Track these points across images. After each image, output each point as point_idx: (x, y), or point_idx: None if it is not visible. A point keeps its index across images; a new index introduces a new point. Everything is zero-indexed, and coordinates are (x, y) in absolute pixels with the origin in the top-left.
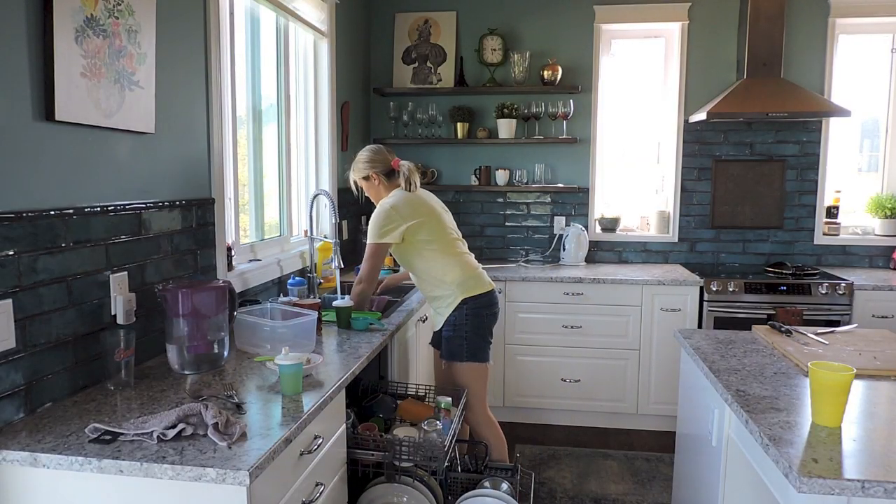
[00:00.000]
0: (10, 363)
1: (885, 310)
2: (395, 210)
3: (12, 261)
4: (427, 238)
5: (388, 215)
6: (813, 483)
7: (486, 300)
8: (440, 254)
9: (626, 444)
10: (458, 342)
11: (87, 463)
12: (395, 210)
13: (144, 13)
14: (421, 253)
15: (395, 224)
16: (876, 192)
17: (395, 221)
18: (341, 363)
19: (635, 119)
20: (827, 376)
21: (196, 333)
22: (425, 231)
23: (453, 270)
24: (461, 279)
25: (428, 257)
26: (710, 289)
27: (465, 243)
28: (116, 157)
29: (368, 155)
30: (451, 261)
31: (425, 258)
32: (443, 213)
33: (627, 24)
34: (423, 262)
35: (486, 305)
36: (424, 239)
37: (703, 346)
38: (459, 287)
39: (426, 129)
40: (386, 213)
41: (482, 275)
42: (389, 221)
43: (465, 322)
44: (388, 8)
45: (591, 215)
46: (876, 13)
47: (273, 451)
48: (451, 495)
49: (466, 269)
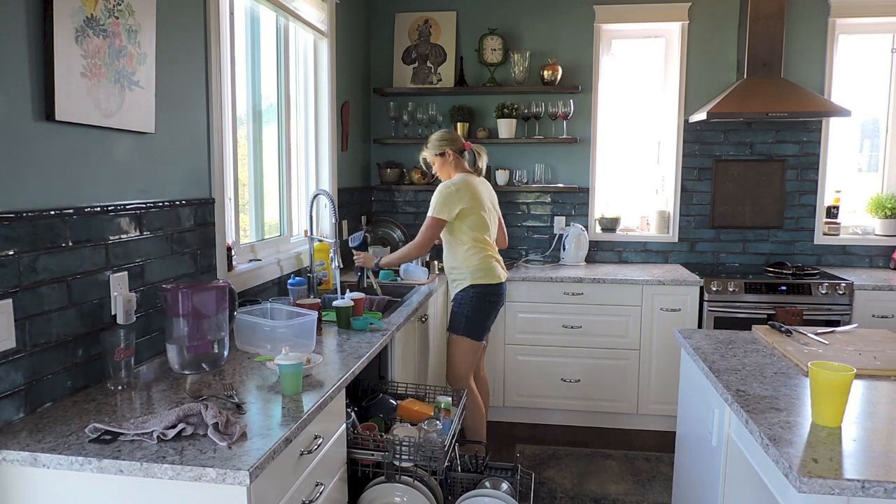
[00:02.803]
0: (10, 363)
1: (885, 310)
2: (458, 191)
3: (12, 261)
4: (467, 225)
5: (451, 194)
6: (813, 483)
7: (492, 290)
8: (470, 241)
9: (626, 444)
10: (459, 317)
11: (87, 463)
12: (458, 191)
13: (144, 13)
14: (456, 233)
15: (454, 204)
16: (876, 192)
17: (454, 202)
18: (341, 363)
19: (635, 119)
20: (827, 376)
21: (196, 333)
22: (469, 218)
23: (472, 259)
24: (475, 268)
25: (460, 239)
26: (710, 289)
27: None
28: (116, 157)
29: (445, 134)
30: (474, 250)
31: (458, 239)
32: (489, 209)
33: (627, 24)
34: (455, 241)
35: (492, 294)
36: (465, 225)
37: (703, 346)
38: (472, 273)
39: (426, 129)
40: (449, 193)
41: (495, 269)
42: (450, 201)
43: (469, 301)
44: (388, 8)
45: (591, 215)
46: (876, 13)
47: (273, 451)
48: (451, 495)
49: (483, 262)
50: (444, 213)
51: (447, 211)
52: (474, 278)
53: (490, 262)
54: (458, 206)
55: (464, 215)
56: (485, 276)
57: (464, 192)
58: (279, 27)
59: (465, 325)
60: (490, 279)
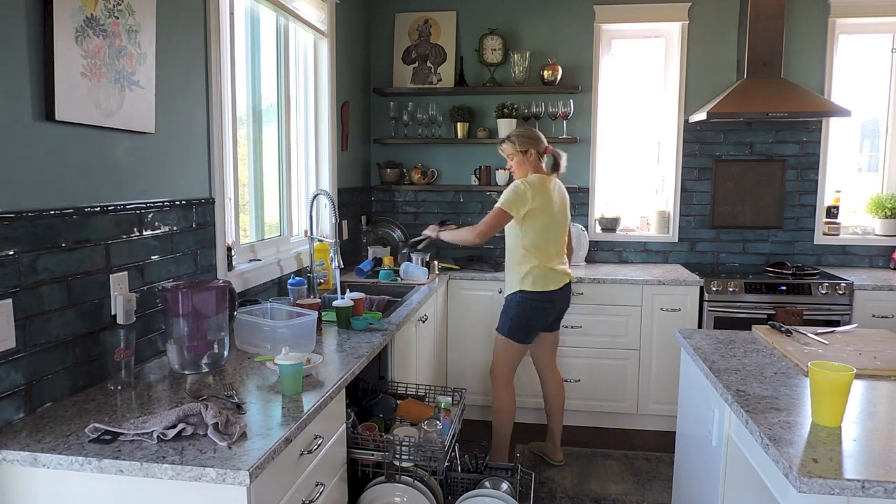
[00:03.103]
0: (10, 363)
1: (885, 310)
2: (531, 190)
3: (12, 261)
4: (531, 229)
5: (524, 192)
6: (813, 483)
7: (541, 297)
8: (528, 247)
9: (626, 444)
10: (504, 319)
11: (87, 463)
12: (531, 190)
13: (144, 13)
14: (518, 237)
15: (524, 203)
16: (876, 192)
17: (524, 201)
18: (341, 363)
19: (635, 119)
20: (827, 376)
21: (196, 333)
22: (535, 221)
23: (524, 266)
24: (525, 274)
25: (521, 244)
26: (710, 289)
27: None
28: (116, 157)
29: (531, 132)
30: (529, 258)
31: (518, 243)
32: (558, 212)
33: (627, 24)
34: (515, 244)
35: (539, 300)
36: (529, 228)
37: (703, 346)
38: (522, 280)
39: (426, 129)
40: (523, 191)
41: (545, 277)
42: (521, 198)
43: (515, 305)
44: (388, 8)
45: (591, 215)
46: (876, 13)
47: (273, 451)
48: (451, 495)
49: (536, 269)
50: (512, 208)
51: (516, 208)
52: (522, 284)
53: (541, 271)
54: (527, 205)
55: (530, 217)
56: (533, 284)
57: (537, 193)
58: (279, 27)
59: (509, 326)
60: (537, 287)
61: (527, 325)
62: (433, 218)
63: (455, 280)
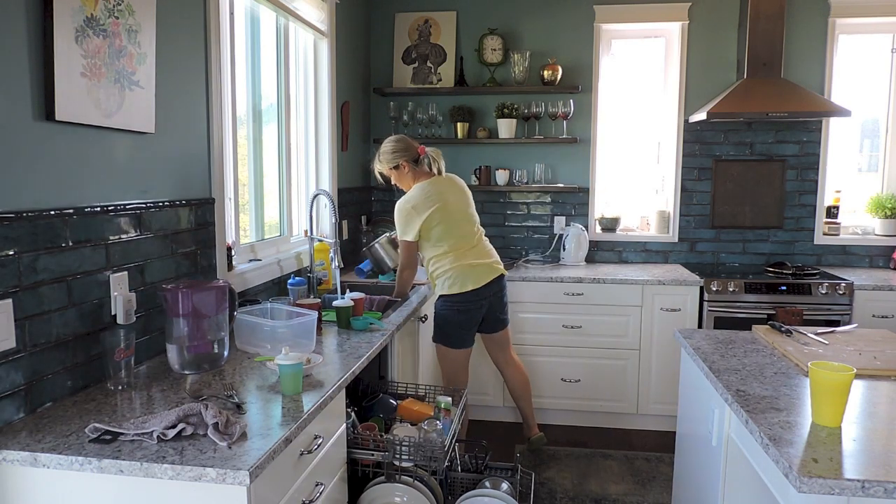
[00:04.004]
0: (10, 363)
1: (885, 310)
2: (415, 208)
3: (12, 261)
4: (433, 236)
5: (408, 213)
6: (813, 483)
7: (461, 299)
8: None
9: (626, 444)
10: (435, 326)
11: (87, 463)
12: (415, 208)
13: (144, 13)
14: (423, 249)
15: (413, 224)
16: (876, 192)
17: (413, 221)
18: (341, 363)
19: (635, 119)
20: (827, 376)
21: (196, 333)
22: (434, 230)
23: (441, 268)
24: (443, 279)
25: (427, 253)
26: (710, 289)
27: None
28: (116, 157)
29: (394, 145)
30: (444, 260)
31: (425, 254)
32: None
33: (627, 24)
34: (427, 254)
35: (461, 302)
36: (431, 239)
37: (703, 346)
38: (440, 284)
39: (426, 129)
40: (407, 212)
41: (466, 276)
42: (409, 221)
43: (439, 311)
44: (388, 8)
45: (591, 215)
46: (876, 13)
47: (273, 451)
48: (451, 495)
49: (451, 272)
50: (408, 233)
51: (411, 231)
52: (441, 289)
53: (458, 272)
54: (417, 223)
55: (427, 229)
56: (450, 287)
57: (421, 206)
58: (279, 27)
59: (438, 334)
60: (454, 289)
61: (457, 330)
62: None
63: None
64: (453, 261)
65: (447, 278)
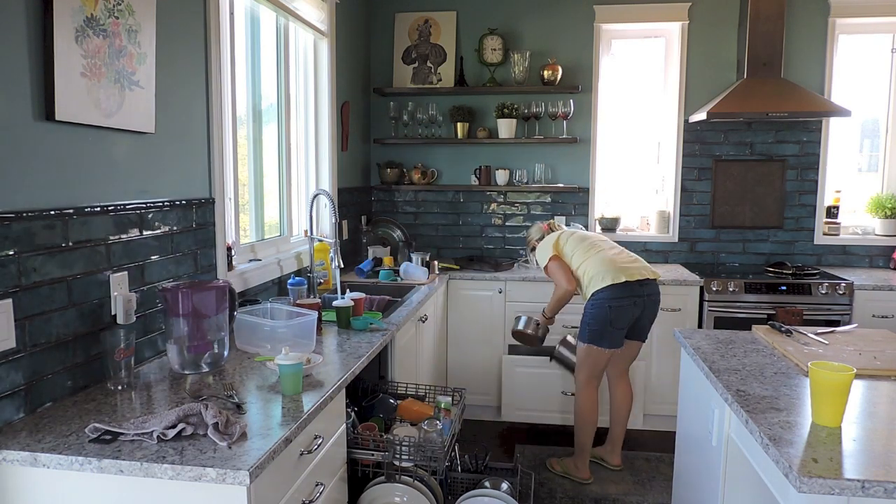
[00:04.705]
0: (10, 363)
1: (885, 310)
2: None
3: (12, 261)
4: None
5: (545, 244)
6: (813, 483)
7: (614, 293)
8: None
9: (626, 444)
10: (582, 325)
11: (87, 463)
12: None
13: (144, 13)
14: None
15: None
16: (876, 192)
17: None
18: (341, 363)
19: (635, 119)
20: (827, 376)
21: (196, 333)
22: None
23: (587, 270)
24: (590, 276)
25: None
26: (710, 289)
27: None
28: (116, 157)
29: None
30: (588, 263)
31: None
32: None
33: (627, 24)
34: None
35: (612, 298)
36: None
37: (703, 346)
38: (589, 283)
39: (426, 129)
40: (544, 245)
41: (610, 271)
42: (546, 246)
43: (588, 309)
44: (388, 8)
45: (591, 215)
46: (876, 13)
47: (273, 451)
48: (451, 495)
49: (595, 267)
50: (547, 254)
51: (550, 252)
52: (592, 287)
53: (605, 267)
54: (552, 243)
55: (561, 244)
56: (602, 280)
57: (552, 238)
58: (279, 27)
59: (587, 332)
60: (611, 279)
61: (607, 327)
62: (433, 218)
63: (455, 280)
64: (598, 257)
65: (595, 276)
